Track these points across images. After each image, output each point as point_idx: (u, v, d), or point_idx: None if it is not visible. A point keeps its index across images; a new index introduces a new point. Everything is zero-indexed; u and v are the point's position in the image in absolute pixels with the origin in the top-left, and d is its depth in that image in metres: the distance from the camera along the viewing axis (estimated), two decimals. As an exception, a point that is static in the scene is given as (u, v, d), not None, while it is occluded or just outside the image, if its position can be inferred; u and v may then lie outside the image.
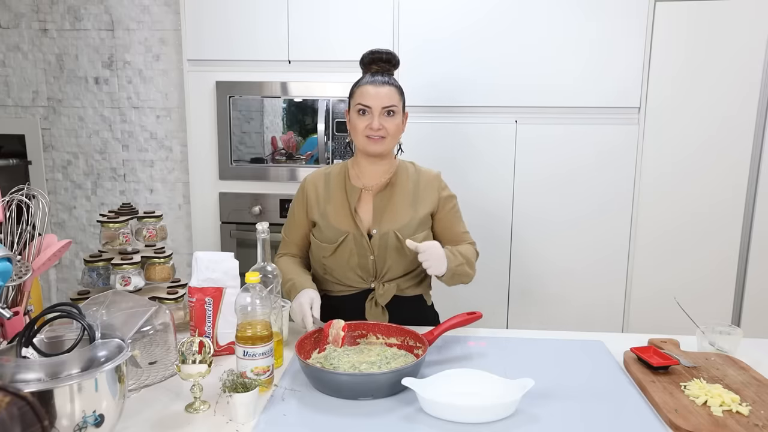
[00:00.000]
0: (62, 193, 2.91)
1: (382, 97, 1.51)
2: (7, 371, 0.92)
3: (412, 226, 1.57)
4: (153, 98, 2.78)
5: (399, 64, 1.61)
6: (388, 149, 1.56)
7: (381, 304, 1.57)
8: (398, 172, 1.62)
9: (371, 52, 1.58)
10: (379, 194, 1.59)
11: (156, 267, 1.58)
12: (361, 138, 1.54)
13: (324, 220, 1.59)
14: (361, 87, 1.54)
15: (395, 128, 1.54)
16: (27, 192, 1.21)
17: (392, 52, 1.59)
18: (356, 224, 1.56)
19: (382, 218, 1.57)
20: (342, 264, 1.57)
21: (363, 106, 1.52)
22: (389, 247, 1.55)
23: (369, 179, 1.60)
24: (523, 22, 2.33)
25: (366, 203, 1.59)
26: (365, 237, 1.55)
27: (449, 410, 1.08)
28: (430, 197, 1.61)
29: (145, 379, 1.22)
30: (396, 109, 1.53)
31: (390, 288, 1.57)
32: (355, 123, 1.54)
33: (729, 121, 2.31)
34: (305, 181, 1.66)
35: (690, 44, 2.28)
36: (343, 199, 1.59)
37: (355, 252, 1.56)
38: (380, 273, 1.58)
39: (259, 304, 1.19)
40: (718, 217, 2.37)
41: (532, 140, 2.39)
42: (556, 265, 2.45)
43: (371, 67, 1.58)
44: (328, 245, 1.57)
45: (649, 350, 1.32)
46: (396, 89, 1.54)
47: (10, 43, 2.80)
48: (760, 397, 1.14)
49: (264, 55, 2.46)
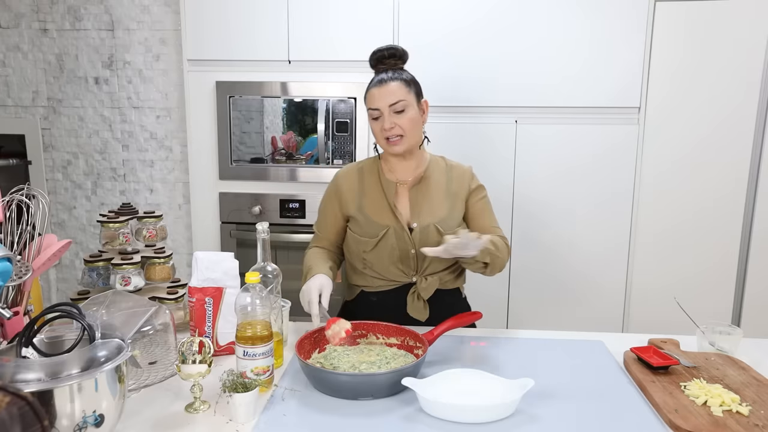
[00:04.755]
0: (62, 193, 2.91)
1: (387, 97, 1.48)
2: (7, 371, 0.92)
3: (452, 220, 1.56)
4: (153, 98, 2.78)
5: (406, 56, 1.57)
6: (410, 146, 1.53)
7: (423, 298, 1.56)
8: (430, 166, 1.61)
9: (374, 52, 1.56)
10: (414, 188, 1.58)
11: (156, 267, 1.58)
12: (381, 141, 1.53)
13: (362, 214, 1.58)
14: (369, 92, 1.53)
15: (410, 123, 1.50)
16: (27, 192, 1.21)
17: (395, 46, 1.55)
18: (396, 218, 1.55)
19: (421, 212, 1.56)
20: (383, 258, 1.56)
21: (373, 110, 1.51)
22: (430, 241, 1.52)
23: (401, 174, 1.60)
24: (523, 21, 2.33)
25: (402, 197, 1.58)
26: (406, 231, 1.54)
27: (449, 410, 1.08)
28: (462, 189, 1.60)
29: (145, 379, 1.22)
30: (405, 103, 1.49)
31: (433, 281, 1.55)
32: (373, 128, 1.54)
33: (729, 120, 2.31)
34: (337, 177, 1.65)
35: (690, 44, 2.29)
36: (380, 194, 1.58)
37: (396, 246, 1.54)
38: (421, 267, 1.56)
39: (259, 304, 1.19)
40: (719, 217, 2.37)
41: (532, 140, 2.39)
42: (556, 264, 2.45)
43: (379, 67, 1.56)
44: (369, 239, 1.56)
45: (649, 350, 1.32)
46: (402, 82, 1.50)
47: (10, 43, 2.80)
48: (760, 397, 1.14)
49: (264, 55, 2.46)
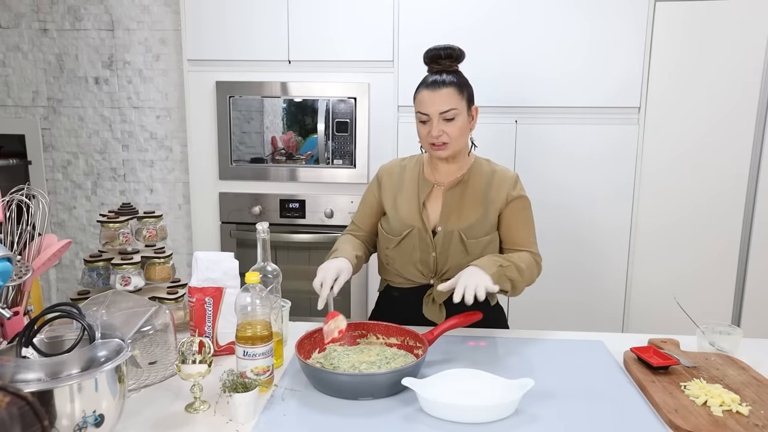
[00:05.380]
0: (62, 193, 2.91)
1: (439, 103, 1.43)
2: (7, 371, 0.92)
3: (480, 228, 1.52)
4: (153, 98, 2.78)
5: (462, 57, 1.50)
6: (454, 152, 1.50)
7: (438, 302, 1.56)
8: (472, 169, 1.56)
9: (430, 50, 1.49)
10: (450, 191, 1.55)
11: (156, 267, 1.58)
12: (426, 145, 1.51)
13: (393, 211, 1.58)
14: (419, 93, 1.47)
15: (458, 132, 1.46)
16: (27, 192, 1.21)
17: (452, 46, 1.48)
18: (422, 219, 1.54)
19: (450, 216, 1.53)
20: (404, 257, 1.56)
21: (422, 115, 1.47)
22: (452, 247, 1.51)
23: (443, 177, 1.57)
24: (523, 21, 2.33)
25: (436, 199, 1.56)
26: (429, 233, 1.53)
27: (449, 410, 1.08)
28: (499, 198, 1.53)
29: (145, 379, 1.22)
30: (456, 112, 1.44)
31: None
32: (419, 131, 1.50)
33: (729, 120, 2.31)
34: (381, 169, 1.65)
35: (690, 44, 2.28)
36: (414, 192, 1.57)
37: (417, 247, 1.54)
38: (441, 270, 1.55)
39: (259, 304, 1.19)
40: (719, 216, 2.37)
41: (532, 140, 2.39)
42: (556, 264, 2.45)
43: (432, 66, 1.50)
44: (393, 237, 1.56)
45: (649, 350, 1.32)
46: (455, 88, 1.44)
47: (10, 43, 2.80)
48: (760, 397, 1.14)
49: (264, 55, 2.46)
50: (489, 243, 1.53)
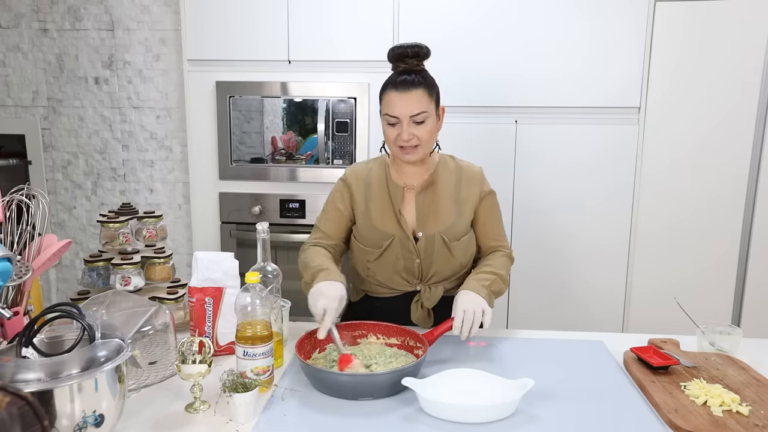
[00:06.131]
0: (62, 193, 2.91)
1: (409, 106, 1.39)
2: (7, 371, 0.92)
3: (458, 228, 1.51)
4: (153, 98, 2.78)
5: (429, 55, 1.46)
6: (423, 156, 1.47)
7: (427, 307, 1.53)
8: (438, 168, 1.54)
9: (396, 48, 1.44)
10: (422, 194, 1.51)
11: (156, 267, 1.58)
12: (393, 148, 1.46)
13: (366, 220, 1.52)
14: (387, 94, 1.42)
15: (427, 134, 1.43)
16: (27, 192, 1.21)
17: (419, 45, 1.44)
18: (401, 227, 1.49)
19: (427, 220, 1.50)
20: (387, 268, 1.51)
21: (390, 117, 1.42)
22: (436, 251, 1.49)
23: (410, 179, 1.53)
24: (523, 21, 2.32)
25: (409, 203, 1.53)
26: (411, 240, 1.49)
27: (449, 410, 1.08)
28: (472, 194, 1.52)
29: (145, 379, 1.22)
30: (426, 115, 1.41)
31: (437, 291, 1.52)
32: (386, 132, 1.46)
33: (729, 120, 2.31)
34: (348, 174, 1.57)
35: (690, 44, 2.28)
36: (386, 199, 1.52)
37: (400, 256, 1.50)
38: (426, 276, 1.52)
39: (259, 304, 1.19)
40: (719, 217, 2.37)
41: (532, 140, 2.39)
42: (557, 264, 2.45)
43: (398, 65, 1.45)
44: (374, 249, 1.51)
45: (649, 350, 1.32)
46: (425, 89, 1.41)
47: (10, 43, 2.80)
48: (760, 397, 1.14)
49: (264, 55, 2.46)
50: (469, 241, 1.53)
